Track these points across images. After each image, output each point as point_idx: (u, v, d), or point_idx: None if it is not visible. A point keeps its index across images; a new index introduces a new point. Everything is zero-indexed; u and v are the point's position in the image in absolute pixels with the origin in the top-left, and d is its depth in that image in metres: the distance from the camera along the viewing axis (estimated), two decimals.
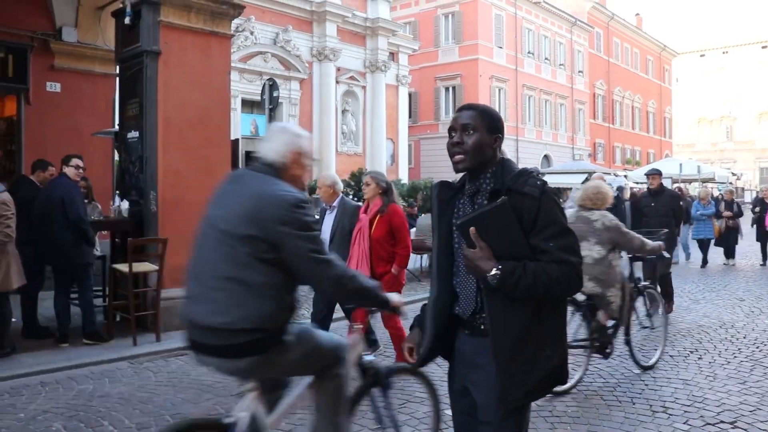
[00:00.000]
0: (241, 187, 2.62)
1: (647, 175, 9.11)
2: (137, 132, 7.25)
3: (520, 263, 2.11)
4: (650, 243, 5.40)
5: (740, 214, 14.26)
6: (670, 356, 6.22)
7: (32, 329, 6.75)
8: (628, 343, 5.63)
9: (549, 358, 2.20)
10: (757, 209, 14.10)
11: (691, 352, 6.41)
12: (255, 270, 2.46)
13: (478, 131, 2.27)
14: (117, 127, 8.26)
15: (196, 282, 2.61)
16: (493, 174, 2.29)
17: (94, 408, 4.78)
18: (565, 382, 2.35)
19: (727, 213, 13.94)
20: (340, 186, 6.19)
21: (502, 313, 2.18)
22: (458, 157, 2.29)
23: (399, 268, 5.63)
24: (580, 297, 5.30)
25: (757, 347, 6.63)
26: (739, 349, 6.56)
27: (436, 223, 2.43)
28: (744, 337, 7.05)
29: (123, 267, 6.66)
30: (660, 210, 8.47)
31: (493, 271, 2.10)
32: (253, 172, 2.69)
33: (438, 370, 4.23)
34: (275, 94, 7.99)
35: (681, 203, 9.31)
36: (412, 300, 9.39)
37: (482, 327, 2.26)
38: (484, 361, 2.24)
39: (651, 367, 5.78)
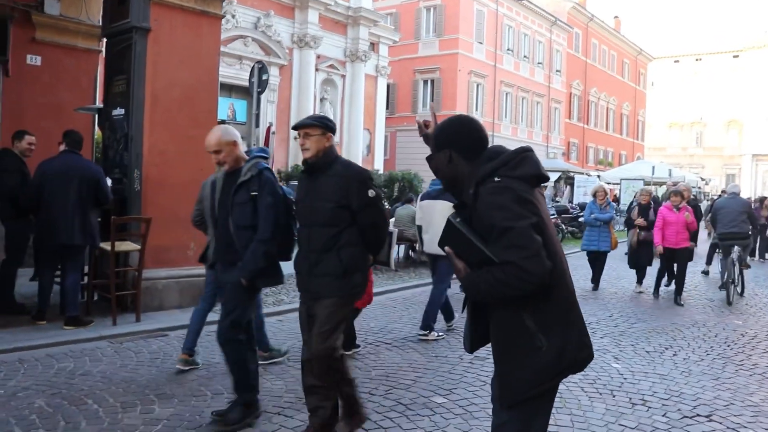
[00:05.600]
0: None
1: None
2: (123, 109, 7.14)
3: (476, 272, 2.17)
4: None
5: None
6: (647, 352, 6.37)
7: (7, 305, 6.61)
8: None
9: (540, 351, 2.16)
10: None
11: (666, 348, 6.56)
12: None
13: (433, 157, 2.44)
14: (101, 103, 8.12)
15: None
16: (467, 188, 2.33)
17: (76, 386, 4.73)
18: (580, 369, 2.30)
19: (639, 221, 10.25)
20: None
21: (495, 310, 2.26)
22: None
23: None
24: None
25: (728, 345, 6.81)
26: (711, 347, 6.73)
27: None
28: (716, 336, 7.24)
29: (105, 245, 6.57)
30: None
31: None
32: None
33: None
34: (264, 77, 7.92)
35: None
36: (391, 289, 9.47)
37: None
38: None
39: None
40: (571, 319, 2.25)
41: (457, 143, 2.36)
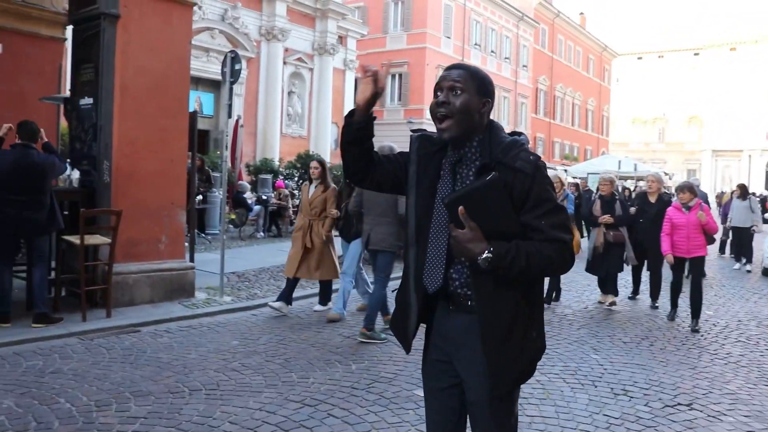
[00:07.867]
0: None
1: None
2: (91, 99, 6.92)
3: (512, 244, 1.99)
4: None
5: (627, 220, 8.29)
6: (623, 342, 6.40)
7: None
8: None
9: (534, 341, 2.15)
10: (634, 208, 8.58)
11: (643, 339, 6.61)
12: None
13: (466, 92, 2.11)
14: (68, 92, 7.85)
15: None
16: (480, 143, 2.15)
17: (46, 384, 4.55)
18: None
19: (605, 218, 8.06)
20: None
21: (492, 295, 2.07)
22: (445, 121, 2.11)
23: None
24: None
25: (701, 335, 6.88)
26: (686, 336, 6.80)
27: (414, 180, 2.23)
28: (689, 326, 7.30)
29: (73, 239, 6.35)
30: None
31: (485, 254, 1.97)
32: None
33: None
34: (237, 67, 7.74)
35: None
36: None
37: (469, 303, 2.13)
38: (471, 339, 2.12)
39: None
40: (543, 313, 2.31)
41: (492, 97, 2.20)
